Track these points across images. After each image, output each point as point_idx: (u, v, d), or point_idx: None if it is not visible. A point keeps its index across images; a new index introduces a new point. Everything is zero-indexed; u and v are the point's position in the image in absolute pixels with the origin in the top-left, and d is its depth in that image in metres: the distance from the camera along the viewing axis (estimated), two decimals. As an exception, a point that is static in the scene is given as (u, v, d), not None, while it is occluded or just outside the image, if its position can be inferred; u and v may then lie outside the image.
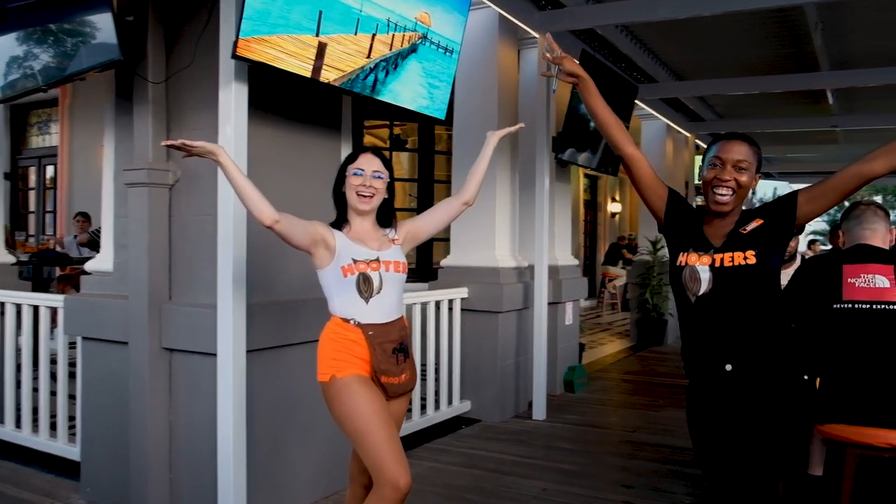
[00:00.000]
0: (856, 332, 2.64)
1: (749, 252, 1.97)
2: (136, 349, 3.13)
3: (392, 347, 2.34)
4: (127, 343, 3.17)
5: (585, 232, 13.70)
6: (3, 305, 4.09)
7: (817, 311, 2.73)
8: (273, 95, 3.18)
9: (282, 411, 3.24)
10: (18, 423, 3.98)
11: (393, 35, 3.25)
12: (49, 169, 10.04)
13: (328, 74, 2.98)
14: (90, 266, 3.66)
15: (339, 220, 2.42)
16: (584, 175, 13.00)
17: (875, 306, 2.61)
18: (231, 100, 2.77)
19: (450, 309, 4.86)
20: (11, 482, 3.62)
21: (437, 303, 4.75)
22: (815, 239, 14.73)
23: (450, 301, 4.86)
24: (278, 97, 3.22)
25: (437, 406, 4.74)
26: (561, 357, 5.95)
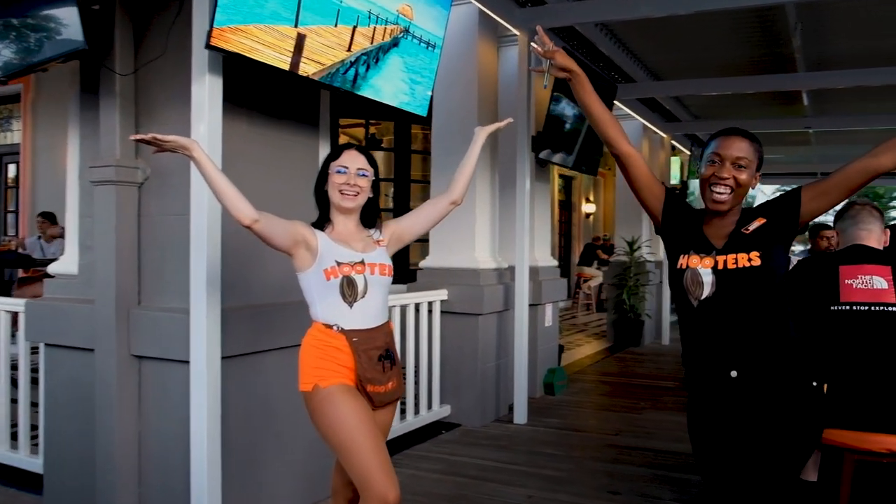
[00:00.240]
0: (854, 335, 2.58)
1: (753, 253, 1.89)
2: (103, 356, 2.97)
3: (378, 354, 2.23)
4: (93, 350, 3.02)
5: (560, 233, 13.70)
6: (-40, 310, 3.89)
7: (814, 314, 2.67)
8: (249, 89, 3.04)
9: (258, 420, 3.10)
10: (-24, 434, 3.78)
11: (374, 28, 3.13)
12: (11, 168, 9.75)
13: (307, 67, 2.85)
14: (54, 268, 3.49)
15: (322, 220, 2.30)
16: (559, 175, 12.98)
17: (874, 308, 2.55)
18: (205, 93, 2.63)
19: (429, 311, 4.74)
20: (-32, 497, 3.44)
21: (417, 305, 4.63)
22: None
23: (429, 303, 4.75)
24: (254, 91, 3.08)
25: (417, 411, 4.62)
26: (541, 359, 5.87)
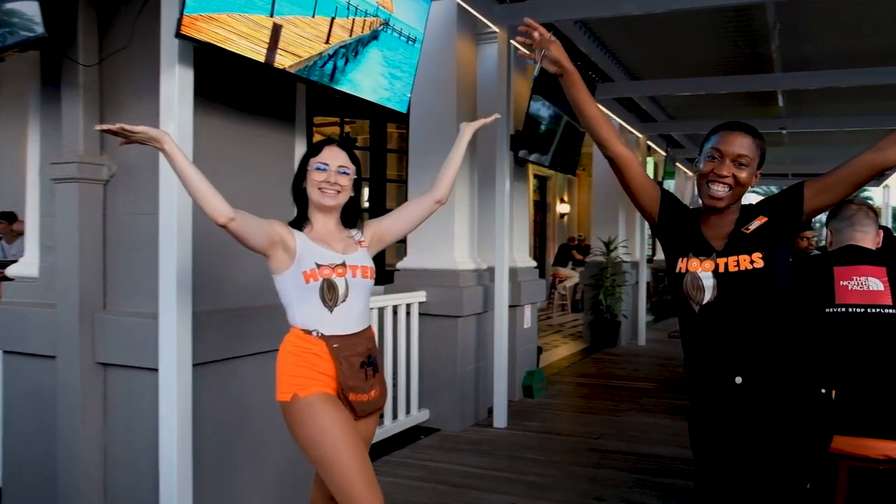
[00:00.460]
0: (850, 338, 2.52)
1: (755, 255, 1.81)
2: (66, 364, 2.80)
3: (360, 361, 2.13)
4: (55, 357, 2.84)
5: (535, 233, 13.65)
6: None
7: (808, 316, 2.60)
8: (222, 83, 2.89)
9: (232, 431, 2.95)
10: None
11: (353, 20, 3.00)
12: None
13: (283, 60, 2.71)
14: (13, 271, 3.29)
15: (300, 220, 2.18)
16: (534, 175, 12.93)
17: (870, 310, 2.49)
18: (175, 85, 2.47)
19: (407, 314, 4.62)
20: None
21: (395, 307, 4.51)
22: None
23: (407, 305, 4.63)
24: (227, 85, 2.93)
25: (395, 416, 4.50)
26: (520, 361, 5.78)
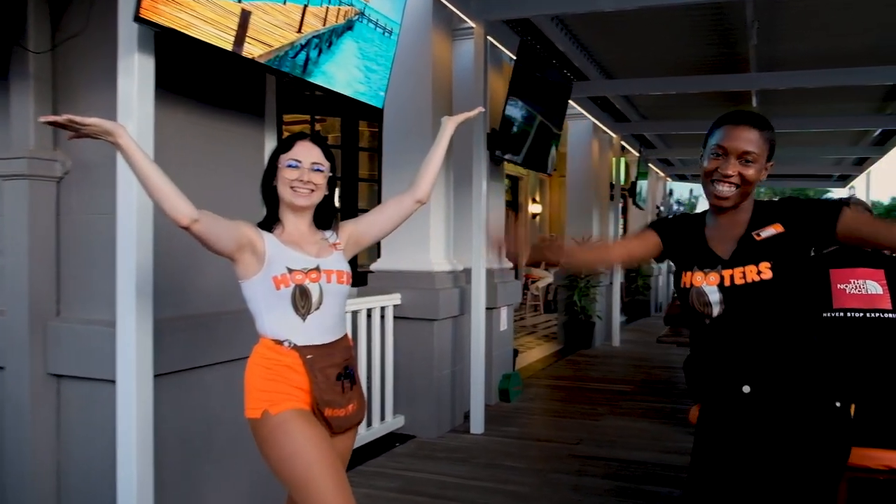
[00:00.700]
0: (849, 343, 2.43)
1: (763, 264, 1.67)
2: (15, 375, 2.61)
3: (336, 373, 1.96)
4: (3, 368, 2.65)
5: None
6: None
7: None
8: (185, 73, 2.71)
9: (196, 446, 2.77)
10: None
11: (327, 8, 2.84)
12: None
13: (252, 49, 2.54)
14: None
15: (270, 221, 2.01)
16: (506, 175, 12.82)
17: (869, 315, 2.40)
18: (134, 75, 2.28)
19: (381, 317, 4.47)
20: None
21: (369, 311, 4.35)
22: None
23: (382, 308, 4.47)
24: (192, 75, 2.75)
25: (370, 423, 4.34)
26: (496, 365, 5.65)
